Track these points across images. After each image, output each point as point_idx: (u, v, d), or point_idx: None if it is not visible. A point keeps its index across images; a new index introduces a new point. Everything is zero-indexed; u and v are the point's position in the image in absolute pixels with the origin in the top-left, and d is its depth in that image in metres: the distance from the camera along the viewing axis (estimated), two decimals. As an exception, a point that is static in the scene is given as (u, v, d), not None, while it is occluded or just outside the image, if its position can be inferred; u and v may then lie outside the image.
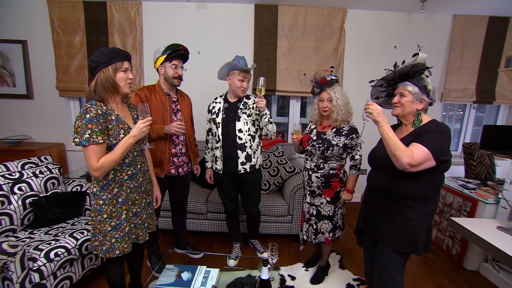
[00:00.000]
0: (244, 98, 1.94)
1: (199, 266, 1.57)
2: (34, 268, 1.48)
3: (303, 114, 3.61)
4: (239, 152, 1.90)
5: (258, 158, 1.99)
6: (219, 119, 1.93)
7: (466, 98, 3.25)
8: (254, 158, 1.96)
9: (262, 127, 1.94)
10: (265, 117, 1.85)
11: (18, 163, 1.95)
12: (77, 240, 1.72)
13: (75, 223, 1.95)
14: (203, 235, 2.58)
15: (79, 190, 2.17)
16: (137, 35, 3.08)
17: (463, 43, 3.14)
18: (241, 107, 1.90)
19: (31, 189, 1.91)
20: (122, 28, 3.06)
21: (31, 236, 1.74)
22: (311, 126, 1.90)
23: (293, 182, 2.49)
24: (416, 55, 1.22)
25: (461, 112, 3.66)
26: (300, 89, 3.19)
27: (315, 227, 1.85)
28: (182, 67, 1.84)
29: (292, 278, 2.01)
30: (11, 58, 3.10)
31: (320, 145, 1.72)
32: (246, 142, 1.91)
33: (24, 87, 3.15)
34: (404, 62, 1.26)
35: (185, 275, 1.50)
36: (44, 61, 3.12)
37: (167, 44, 1.79)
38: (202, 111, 2.24)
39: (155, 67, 1.84)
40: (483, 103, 3.30)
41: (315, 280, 1.96)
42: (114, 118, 1.24)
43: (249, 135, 1.91)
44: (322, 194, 1.80)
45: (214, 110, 1.96)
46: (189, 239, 2.37)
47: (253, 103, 1.92)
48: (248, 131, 1.91)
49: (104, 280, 1.69)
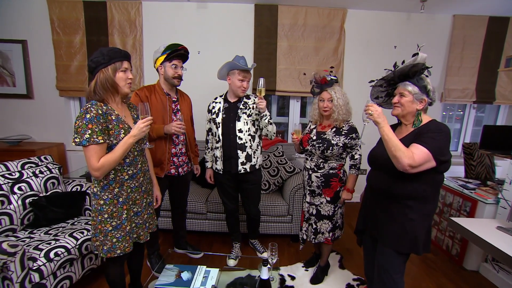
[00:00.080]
0: (244, 98, 1.94)
1: (199, 266, 1.57)
2: (34, 267, 1.48)
3: (303, 114, 3.61)
4: (239, 152, 1.91)
5: (258, 158, 1.99)
6: (219, 119, 1.93)
7: (466, 98, 3.25)
8: (254, 158, 1.96)
9: (262, 127, 1.94)
10: (265, 118, 1.85)
11: (18, 163, 1.95)
12: (77, 240, 1.72)
13: (75, 223, 1.95)
14: (203, 235, 2.58)
15: (79, 190, 2.17)
16: (137, 35, 3.08)
17: (463, 43, 3.14)
18: (241, 107, 1.90)
19: (31, 189, 1.92)
20: (122, 28, 3.06)
21: (31, 236, 1.74)
22: (311, 126, 1.90)
23: (293, 182, 2.49)
24: (416, 55, 1.22)
25: (461, 112, 3.66)
26: (300, 89, 3.19)
27: (314, 226, 1.85)
28: (182, 67, 1.84)
29: (292, 278, 2.01)
30: (11, 58, 3.10)
31: (320, 144, 1.72)
32: (246, 142, 1.91)
33: (24, 87, 3.15)
34: (404, 62, 1.26)
35: (185, 275, 1.50)
36: (44, 61, 3.11)
37: (167, 44, 1.79)
38: (202, 111, 2.24)
39: (155, 67, 1.84)
40: (483, 103, 3.30)
41: (315, 280, 1.96)
42: (114, 118, 1.24)
43: (249, 135, 1.91)
44: (322, 193, 1.80)
45: (214, 110, 1.96)
46: (189, 239, 2.37)
47: (253, 103, 1.92)
48: (248, 131, 1.91)
49: (104, 280, 1.70)
